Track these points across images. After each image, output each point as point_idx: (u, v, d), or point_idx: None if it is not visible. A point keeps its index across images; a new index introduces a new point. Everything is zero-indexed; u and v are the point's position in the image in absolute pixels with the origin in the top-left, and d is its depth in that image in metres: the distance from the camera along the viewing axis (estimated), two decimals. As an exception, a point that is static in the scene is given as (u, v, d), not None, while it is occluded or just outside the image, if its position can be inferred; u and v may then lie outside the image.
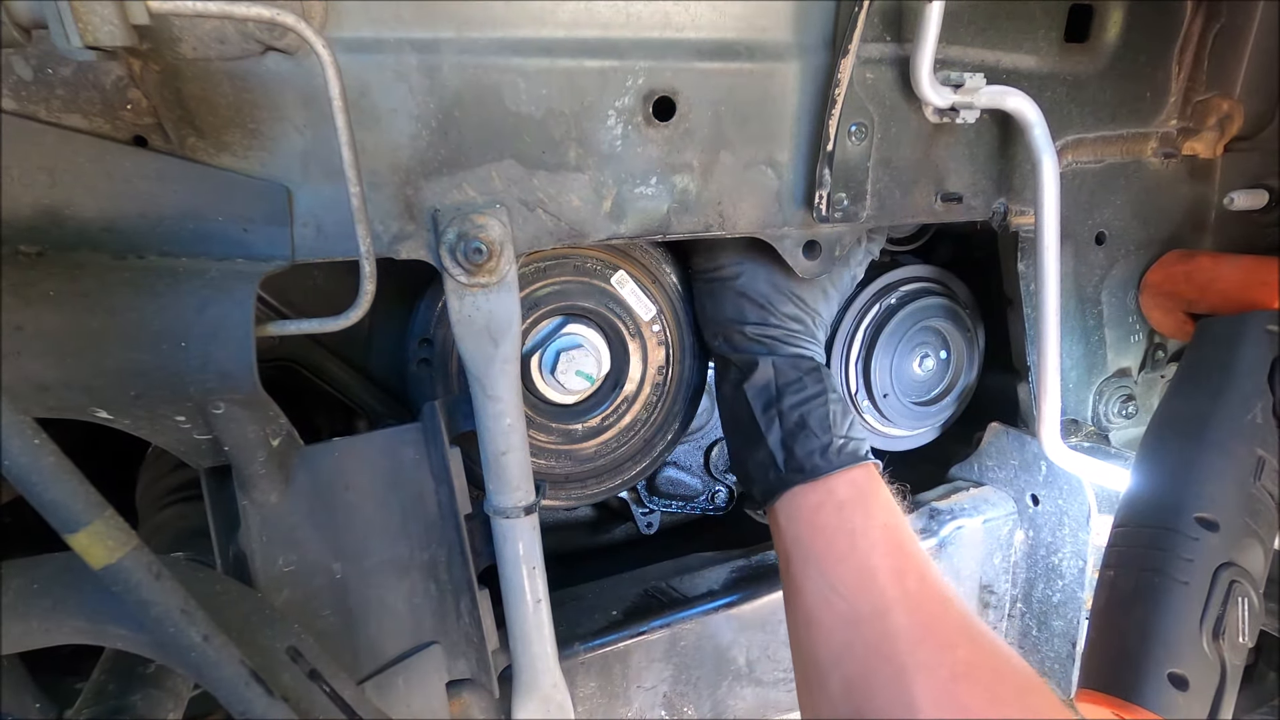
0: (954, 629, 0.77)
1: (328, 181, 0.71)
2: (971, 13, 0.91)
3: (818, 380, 0.94)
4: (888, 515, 0.86)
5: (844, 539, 0.84)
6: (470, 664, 0.83)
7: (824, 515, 0.86)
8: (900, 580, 0.80)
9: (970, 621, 0.78)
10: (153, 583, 0.52)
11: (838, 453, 0.88)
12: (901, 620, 0.76)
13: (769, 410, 0.93)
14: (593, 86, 0.77)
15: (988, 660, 0.74)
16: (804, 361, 0.96)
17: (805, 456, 0.89)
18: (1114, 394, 1.19)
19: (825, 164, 0.86)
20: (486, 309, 0.76)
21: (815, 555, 0.84)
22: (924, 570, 0.82)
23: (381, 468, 0.79)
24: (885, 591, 0.79)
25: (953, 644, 0.75)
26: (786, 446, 0.90)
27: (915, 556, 0.83)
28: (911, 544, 0.84)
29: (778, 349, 0.96)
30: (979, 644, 0.75)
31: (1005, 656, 0.75)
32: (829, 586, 0.81)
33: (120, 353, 0.62)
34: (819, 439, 0.89)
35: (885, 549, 0.82)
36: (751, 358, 0.96)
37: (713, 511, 1.33)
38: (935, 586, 0.81)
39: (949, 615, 0.78)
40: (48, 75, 0.62)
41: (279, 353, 0.97)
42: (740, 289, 0.97)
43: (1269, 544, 0.90)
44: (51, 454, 0.48)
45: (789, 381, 0.94)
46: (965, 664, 0.73)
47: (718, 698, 1.05)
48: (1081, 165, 1.06)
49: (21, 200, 0.62)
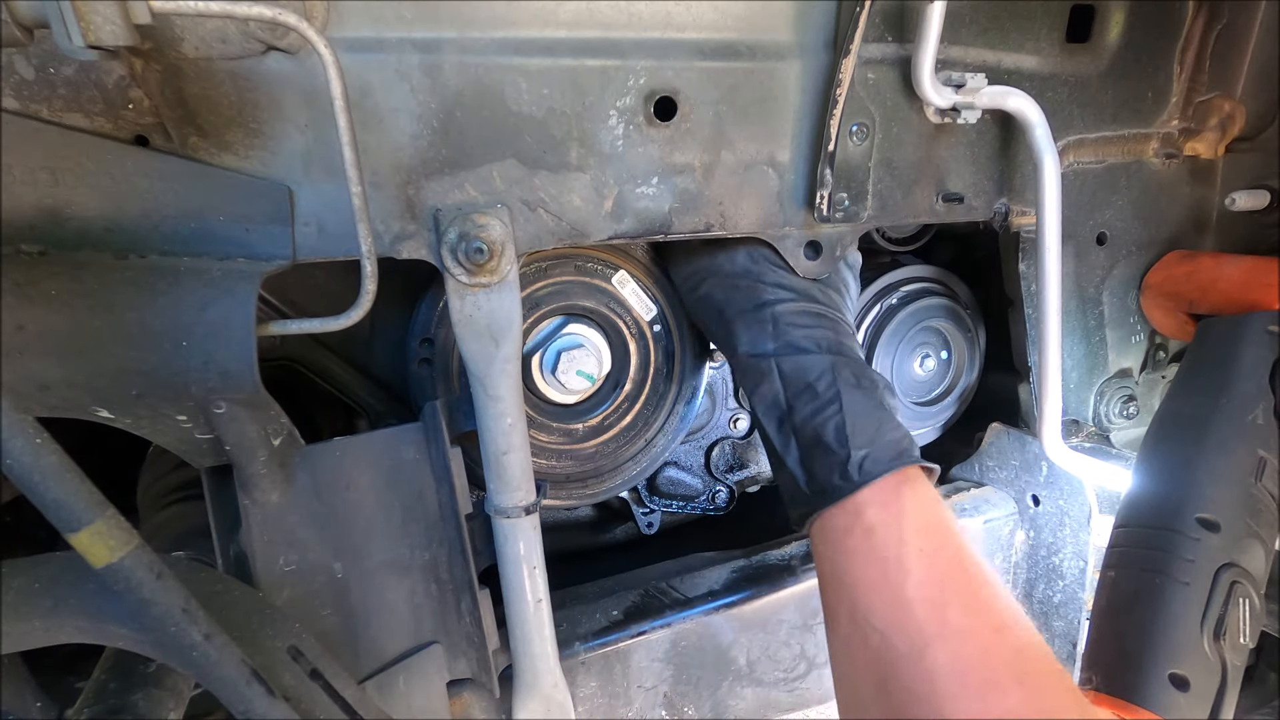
0: (1002, 668, 0.68)
1: (329, 181, 0.71)
2: (973, 13, 0.91)
3: (830, 382, 0.84)
4: (926, 539, 0.76)
5: (875, 567, 0.76)
6: (471, 664, 0.83)
7: (854, 540, 0.78)
8: (940, 613, 0.71)
9: (1024, 656, 0.70)
10: (154, 582, 0.52)
11: (858, 468, 0.79)
12: (941, 659, 0.69)
13: (783, 428, 0.86)
14: (594, 86, 0.77)
15: (1040, 706, 0.66)
16: (812, 359, 0.85)
17: (825, 478, 0.81)
18: (1115, 394, 1.19)
19: (826, 164, 0.86)
20: (488, 309, 0.76)
21: (848, 584, 0.77)
22: (972, 598, 0.73)
23: (382, 467, 0.79)
24: (923, 627, 0.71)
25: (999, 686, 0.67)
26: (806, 467, 0.83)
27: (958, 582, 0.74)
28: (956, 567, 0.75)
29: (780, 338, 0.87)
30: (1032, 685, 0.67)
31: (1061, 700, 0.67)
32: (863, 618, 0.74)
33: (122, 352, 0.62)
34: (836, 455, 0.80)
35: (921, 578, 0.74)
36: (756, 363, 0.88)
37: (713, 511, 1.33)
38: (984, 616, 0.72)
39: (998, 651, 0.70)
40: (49, 74, 0.62)
41: (280, 352, 0.97)
42: (723, 278, 0.93)
43: (1270, 545, 0.90)
44: (53, 453, 0.48)
45: (799, 391, 0.85)
46: (1010, 711, 0.65)
47: (718, 698, 1.04)
48: (1083, 165, 1.06)
49: (23, 200, 0.62)
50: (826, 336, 0.88)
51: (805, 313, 0.89)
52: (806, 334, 0.88)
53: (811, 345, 0.87)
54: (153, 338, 0.63)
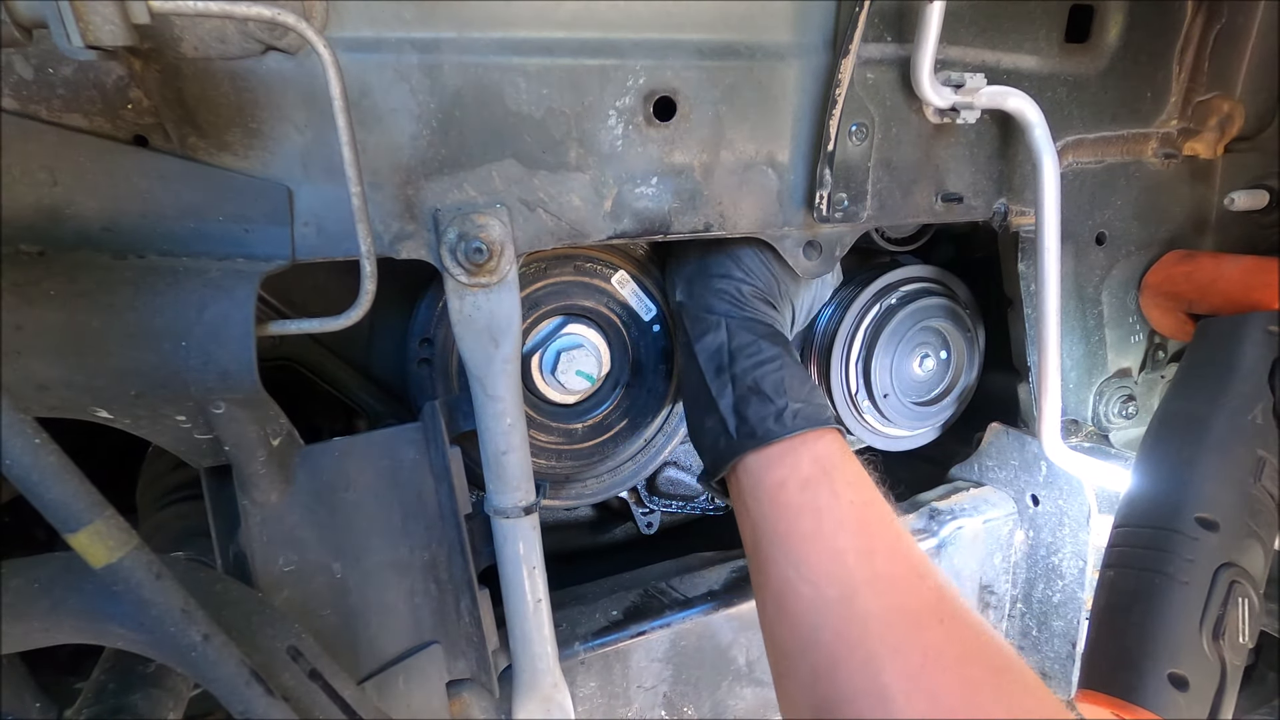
0: (926, 609, 0.72)
1: (328, 181, 0.71)
2: (972, 13, 0.91)
3: (774, 344, 0.89)
4: (856, 492, 0.81)
5: (809, 518, 0.79)
6: (470, 664, 0.83)
7: (788, 493, 0.81)
8: (869, 560, 0.75)
9: (944, 599, 0.74)
10: (153, 582, 0.52)
11: (793, 417, 0.83)
12: (870, 603, 0.72)
13: (721, 374, 0.89)
14: (593, 86, 0.77)
15: (960, 640, 0.71)
16: (760, 326, 0.91)
17: (758, 421, 0.84)
18: (1114, 394, 1.19)
19: (826, 164, 0.86)
20: (487, 309, 0.76)
21: (779, 536, 0.80)
22: (895, 547, 0.77)
23: (382, 467, 0.79)
24: (853, 573, 0.74)
25: (924, 625, 0.71)
26: (739, 412, 0.86)
27: (886, 534, 0.78)
28: (882, 521, 0.80)
29: (734, 310, 0.92)
30: (951, 624, 0.72)
31: (979, 635, 0.72)
32: (794, 570, 0.77)
33: (121, 352, 0.62)
34: (774, 403, 0.84)
35: (853, 528, 0.78)
36: (706, 316, 0.92)
37: (713, 511, 1.33)
38: (907, 564, 0.76)
39: (921, 594, 0.74)
40: (48, 75, 0.62)
41: (280, 352, 0.97)
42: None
43: (1269, 544, 0.90)
44: (52, 453, 0.48)
45: (743, 345, 0.89)
46: (937, 647, 0.69)
47: (718, 698, 1.05)
48: (1082, 165, 1.06)
49: (22, 200, 0.62)
50: (775, 322, 0.95)
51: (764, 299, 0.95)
52: (759, 314, 0.94)
53: (762, 319, 0.93)
54: (152, 338, 0.63)
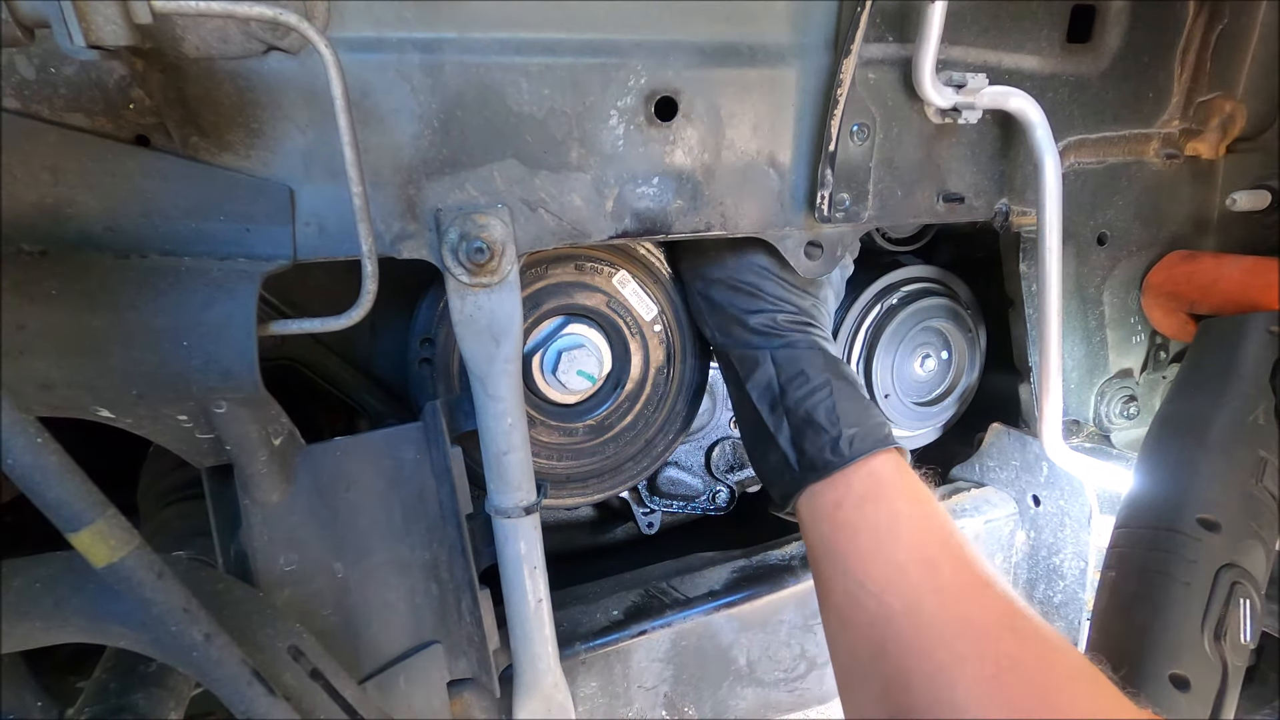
0: (994, 617, 0.71)
1: (330, 181, 0.71)
2: (974, 13, 0.91)
3: (820, 370, 0.90)
4: (913, 505, 0.82)
5: (868, 535, 0.80)
6: (471, 663, 0.83)
7: (845, 512, 0.82)
8: (932, 571, 0.75)
9: (1012, 607, 0.72)
10: (155, 582, 0.52)
11: (849, 445, 0.84)
12: (936, 612, 0.72)
13: (775, 410, 0.91)
14: (595, 86, 0.77)
15: (1033, 649, 0.69)
16: (803, 352, 0.92)
17: (816, 454, 0.86)
18: (1116, 395, 1.19)
19: (827, 164, 0.86)
20: (488, 309, 0.76)
21: (841, 554, 0.81)
22: (959, 556, 0.77)
23: (383, 467, 0.79)
24: (916, 585, 0.74)
25: (993, 634, 0.70)
26: (797, 445, 0.88)
27: (947, 543, 0.78)
28: (942, 531, 0.79)
29: (774, 338, 0.93)
30: (1023, 631, 0.70)
31: (1051, 642, 0.70)
32: (858, 585, 0.77)
33: (122, 352, 0.62)
34: (828, 433, 0.86)
35: (912, 540, 0.78)
36: (751, 354, 0.94)
37: (713, 511, 1.33)
38: (971, 572, 0.75)
39: (988, 602, 0.73)
40: (50, 74, 0.62)
41: (281, 352, 0.97)
42: (728, 281, 0.97)
43: (1271, 545, 0.90)
44: (54, 453, 0.48)
45: (791, 376, 0.91)
46: (1010, 656, 0.68)
47: (719, 698, 1.05)
48: (1084, 166, 1.06)
49: (24, 199, 0.62)
50: (815, 339, 0.95)
51: (798, 321, 0.96)
52: (799, 335, 0.95)
53: (803, 342, 0.94)
54: (154, 337, 0.63)
